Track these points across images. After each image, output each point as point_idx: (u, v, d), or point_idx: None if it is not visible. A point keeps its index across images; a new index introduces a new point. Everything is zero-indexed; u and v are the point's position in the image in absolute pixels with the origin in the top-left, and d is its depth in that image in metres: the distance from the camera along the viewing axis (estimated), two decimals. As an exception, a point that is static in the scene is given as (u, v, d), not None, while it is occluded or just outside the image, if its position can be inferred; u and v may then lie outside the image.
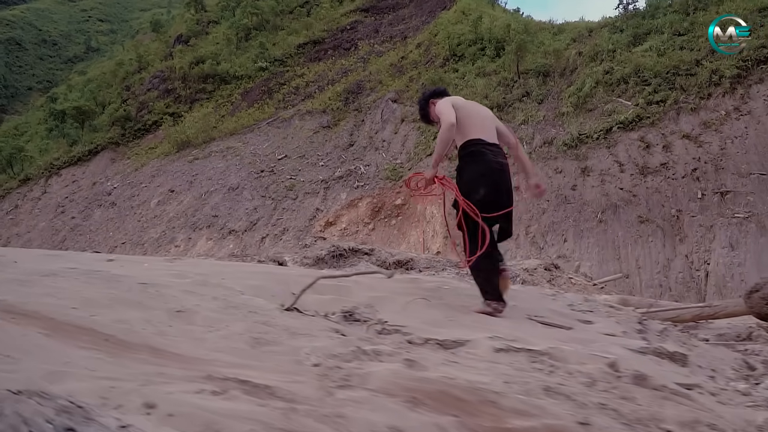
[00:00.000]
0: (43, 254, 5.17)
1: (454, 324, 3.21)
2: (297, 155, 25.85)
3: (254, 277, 3.85)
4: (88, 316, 2.25)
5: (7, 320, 2.07)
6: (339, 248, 8.10)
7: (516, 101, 21.79)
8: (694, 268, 15.47)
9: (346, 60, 36.85)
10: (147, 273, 3.67)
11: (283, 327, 2.50)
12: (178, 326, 2.33)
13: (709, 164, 16.67)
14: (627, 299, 7.12)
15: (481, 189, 3.96)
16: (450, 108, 3.98)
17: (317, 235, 21.02)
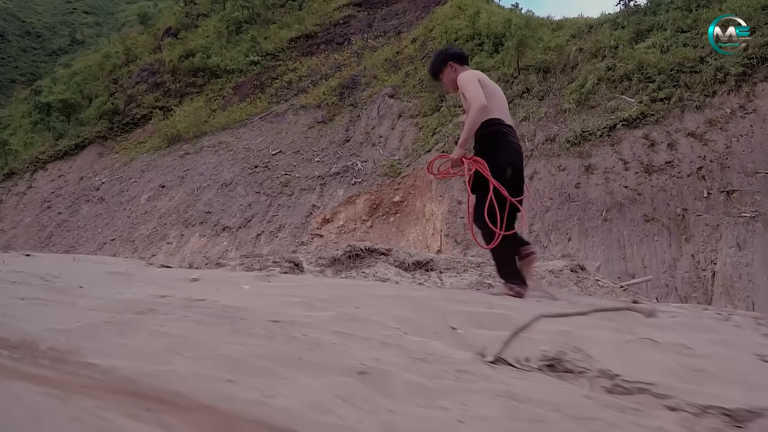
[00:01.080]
0: (90, 264, 4.66)
1: (708, 377, 2.02)
2: (292, 150, 25.38)
3: (392, 304, 3.05)
4: (264, 398, 1.41)
5: (143, 416, 1.18)
6: (355, 248, 7.70)
7: (516, 97, 21.47)
8: (700, 268, 15.25)
9: (339, 55, 36.42)
10: (258, 300, 3.10)
11: (535, 401, 1.60)
12: (392, 406, 1.48)
13: (714, 163, 16.46)
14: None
15: (508, 169, 3.91)
16: (479, 87, 3.87)
17: (314, 232, 20.64)
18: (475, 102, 3.77)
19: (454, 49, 4.32)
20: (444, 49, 4.33)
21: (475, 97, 3.80)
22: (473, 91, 3.85)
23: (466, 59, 4.30)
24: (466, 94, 3.88)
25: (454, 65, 4.19)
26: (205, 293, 3.16)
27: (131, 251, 22.56)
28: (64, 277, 3.94)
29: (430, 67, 4.34)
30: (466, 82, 3.93)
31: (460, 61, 4.23)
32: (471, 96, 3.83)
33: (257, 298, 3.22)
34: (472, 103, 3.78)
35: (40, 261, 6.75)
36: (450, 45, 4.42)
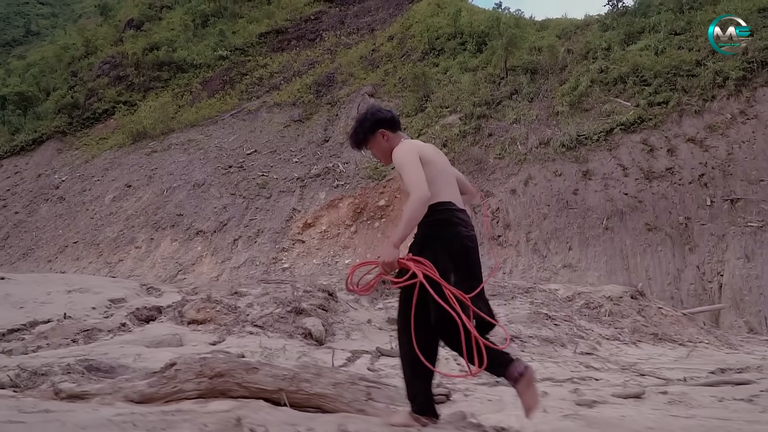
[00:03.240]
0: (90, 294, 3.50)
1: None
2: (268, 150, 24.11)
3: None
4: None
5: None
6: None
7: (505, 98, 20.73)
8: (706, 280, 14.70)
9: (311, 51, 35.23)
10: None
11: None
12: None
13: (716, 170, 15.98)
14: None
15: (454, 272, 3.00)
16: (420, 168, 2.99)
17: (295, 237, 19.51)
18: (415, 191, 2.87)
19: (383, 112, 3.34)
20: (369, 112, 3.35)
21: (415, 184, 2.91)
22: (413, 175, 2.95)
23: (398, 124, 3.35)
24: (404, 177, 2.99)
25: (386, 133, 3.26)
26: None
27: (96, 255, 20.99)
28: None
29: (353, 134, 3.36)
30: (403, 163, 3.03)
31: (392, 128, 3.29)
32: (409, 182, 2.93)
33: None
34: (412, 192, 2.89)
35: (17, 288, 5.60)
36: (376, 107, 3.04)
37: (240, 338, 5.06)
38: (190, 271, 18.89)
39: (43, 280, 7.10)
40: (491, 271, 5.46)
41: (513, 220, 17.06)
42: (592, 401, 3.12)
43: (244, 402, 2.69)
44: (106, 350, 4.12)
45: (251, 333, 5.16)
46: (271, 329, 5.29)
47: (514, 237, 16.73)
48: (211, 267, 18.90)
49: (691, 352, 5.78)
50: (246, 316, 5.63)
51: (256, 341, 4.89)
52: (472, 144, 19.52)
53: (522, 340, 5.63)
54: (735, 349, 6.40)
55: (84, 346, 4.62)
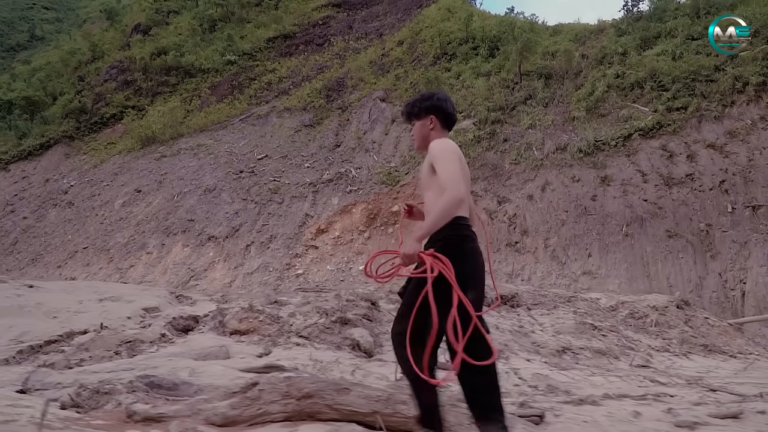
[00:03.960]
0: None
1: None
2: (279, 155, 23.95)
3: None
4: None
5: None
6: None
7: (519, 104, 20.58)
8: (728, 288, 14.50)
9: (320, 56, 35.18)
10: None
11: None
12: None
13: (737, 176, 15.79)
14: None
15: (474, 289, 2.89)
16: (459, 170, 2.91)
17: (309, 243, 19.33)
18: (453, 189, 2.78)
19: (447, 104, 3.23)
20: (437, 96, 3.24)
21: (454, 181, 2.81)
22: (453, 171, 2.85)
23: (451, 124, 3.28)
24: (442, 172, 2.87)
25: (435, 122, 3.19)
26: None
27: (106, 261, 20.82)
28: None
29: (409, 104, 3.29)
30: (444, 157, 2.93)
31: (444, 122, 3.22)
32: (448, 177, 2.82)
33: None
34: (449, 189, 2.78)
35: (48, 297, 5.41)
36: (446, 96, 3.25)
37: (287, 350, 4.88)
38: (202, 277, 18.71)
39: (71, 288, 6.92)
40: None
41: (530, 226, 16.88)
42: (693, 422, 2.94)
43: (336, 426, 2.51)
44: (154, 364, 3.94)
45: (298, 344, 4.98)
46: (318, 340, 5.11)
47: (531, 243, 16.55)
48: (223, 273, 18.72)
49: (751, 364, 5.61)
50: (290, 327, 5.45)
51: (305, 353, 4.71)
52: (487, 149, 19.36)
53: (574, 352, 5.45)
54: None
55: (130, 359, 4.43)
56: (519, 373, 4.50)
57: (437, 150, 2.98)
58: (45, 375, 3.49)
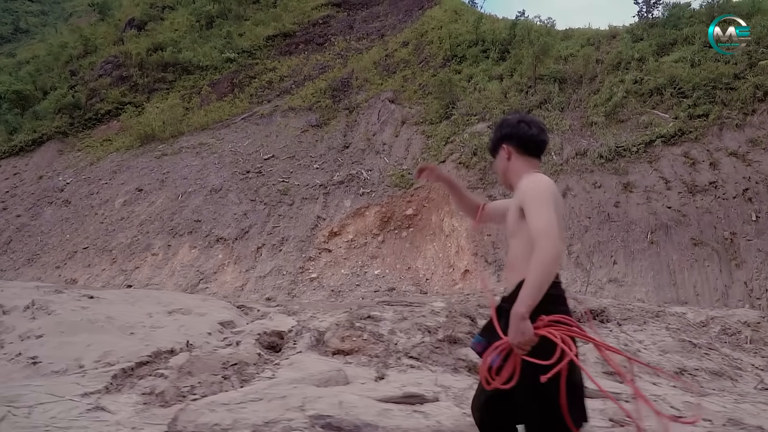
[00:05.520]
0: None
1: None
2: (286, 155, 23.49)
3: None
4: None
5: None
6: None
7: (535, 108, 20.37)
8: (754, 297, 14.39)
9: (321, 55, 34.76)
10: None
11: None
12: None
13: (761, 185, 15.72)
14: None
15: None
16: (555, 218, 2.44)
17: (321, 246, 18.93)
18: (549, 241, 2.32)
19: (519, 127, 2.74)
20: (505, 120, 2.81)
21: (552, 233, 2.36)
22: (550, 219, 2.39)
23: (536, 149, 2.77)
24: (534, 220, 2.41)
25: (511, 151, 2.73)
26: None
27: (109, 262, 20.19)
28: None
29: (491, 140, 2.88)
30: (540, 199, 2.46)
31: (524, 148, 2.73)
32: (542, 229, 2.35)
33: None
34: (545, 241, 2.31)
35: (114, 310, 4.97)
36: (518, 118, 2.74)
37: (402, 373, 4.51)
38: (212, 279, 18.21)
39: (132, 298, 6.44)
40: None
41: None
42: None
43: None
44: (282, 393, 3.55)
45: (412, 367, 4.60)
46: (430, 362, 4.75)
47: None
48: (234, 276, 18.23)
49: None
50: (395, 346, 5.07)
51: (426, 377, 4.35)
52: (504, 153, 19.08)
53: (691, 374, 5.16)
54: None
55: (252, 387, 3.99)
56: (667, 399, 4.18)
57: (529, 191, 2.53)
58: (197, 415, 3.06)
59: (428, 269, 17.65)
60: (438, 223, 18.63)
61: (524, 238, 2.52)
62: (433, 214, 18.92)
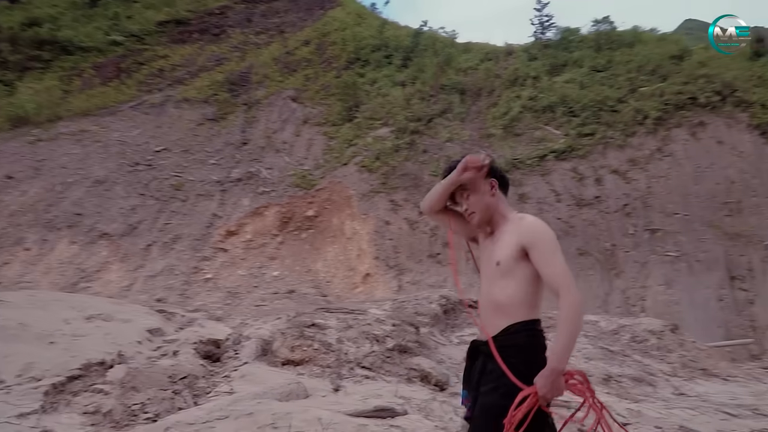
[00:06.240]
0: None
1: None
2: (180, 149, 22.36)
3: None
4: None
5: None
6: (450, 300, 6.22)
7: (437, 116, 20.89)
8: (630, 304, 15.66)
9: (217, 46, 33.45)
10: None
11: None
12: None
13: (638, 201, 17.16)
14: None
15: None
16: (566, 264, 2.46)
17: (217, 246, 18.21)
18: (574, 293, 2.34)
19: (496, 164, 2.73)
20: (490, 159, 2.69)
21: (572, 284, 2.37)
22: (566, 271, 2.40)
23: (507, 188, 2.75)
24: (552, 267, 2.38)
25: (496, 186, 2.65)
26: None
27: (-29, 256, 18.15)
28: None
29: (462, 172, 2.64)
30: (553, 246, 2.45)
31: (502, 186, 2.69)
32: (563, 279, 2.36)
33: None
34: (568, 293, 2.33)
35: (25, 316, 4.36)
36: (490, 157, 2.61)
37: (358, 384, 4.37)
38: (95, 278, 16.91)
39: (39, 302, 5.70)
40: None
41: (453, 238, 17.10)
42: None
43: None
44: (249, 409, 3.30)
45: (366, 377, 4.47)
46: (382, 371, 4.64)
47: (451, 258, 16.77)
48: (120, 275, 17.05)
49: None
50: (345, 355, 4.90)
51: (385, 389, 4.24)
52: (406, 159, 19.40)
53: (616, 381, 5.46)
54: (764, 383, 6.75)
55: (212, 404, 3.64)
56: (611, 407, 4.35)
57: (539, 234, 2.46)
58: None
59: (329, 272, 17.49)
60: (339, 226, 18.53)
61: (520, 279, 2.49)
62: (335, 217, 18.80)
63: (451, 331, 5.91)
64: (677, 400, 5.08)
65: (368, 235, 17.56)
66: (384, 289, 16.11)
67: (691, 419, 4.15)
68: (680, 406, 4.70)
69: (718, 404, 4.82)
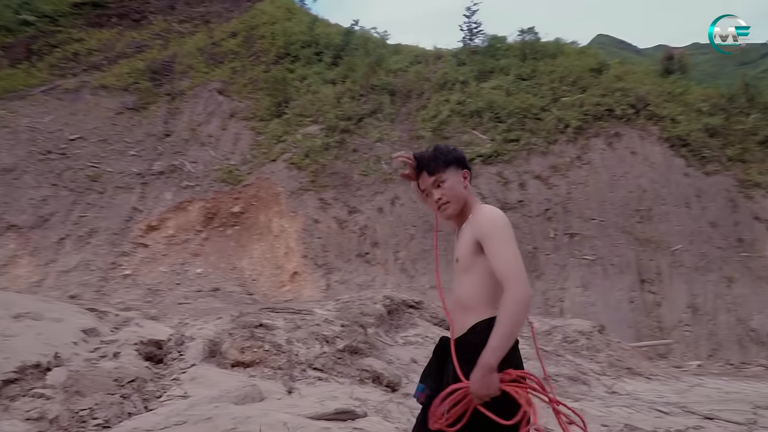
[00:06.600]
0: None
1: None
2: (97, 138, 21.23)
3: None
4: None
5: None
6: (393, 301, 6.21)
7: (367, 116, 20.95)
8: (550, 305, 16.32)
9: (137, 33, 32.00)
10: None
11: None
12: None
13: (558, 206, 17.89)
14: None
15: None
16: (520, 256, 2.41)
17: (137, 241, 17.48)
18: (520, 287, 2.27)
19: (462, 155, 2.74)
20: (456, 149, 2.73)
21: (522, 275, 2.31)
22: (516, 261, 2.35)
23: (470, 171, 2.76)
24: (502, 258, 2.33)
25: (468, 178, 2.65)
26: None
27: None
28: None
29: (439, 152, 2.67)
30: (504, 236, 2.40)
31: (470, 182, 2.71)
32: (512, 270, 2.31)
33: None
34: (514, 286, 2.26)
35: None
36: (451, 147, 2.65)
37: (311, 386, 4.28)
38: (1, 273, 15.81)
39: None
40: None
41: (381, 238, 17.24)
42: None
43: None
44: (207, 414, 3.17)
45: (319, 379, 4.39)
46: (334, 373, 4.57)
47: (382, 255, 16.92)
48: (30, 269, 16.02)
49: (696, 387, 6.37)
50: (296, 357, 4.79)
51: (338, 390, 4.18)
52: (336, 158, 19.34)
53: (554, 380, 5.66)
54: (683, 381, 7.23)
55: (168, 409, 3.44)
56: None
57: (491, 226, 2.40)
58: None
59: (255, 270, 17.18)
60: (266, 223, 18.23)
61: (480, 275, 2.42)
62: (262, 214, 18.47)
63: (395, 332, 5.92)
64: (612, 398, 5.37)
65: (296, 233, 17.36)
66: (312, 288, 16.00)
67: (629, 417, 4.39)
68: (617, 405, 4.97)
69: (649, 402, 5.14)
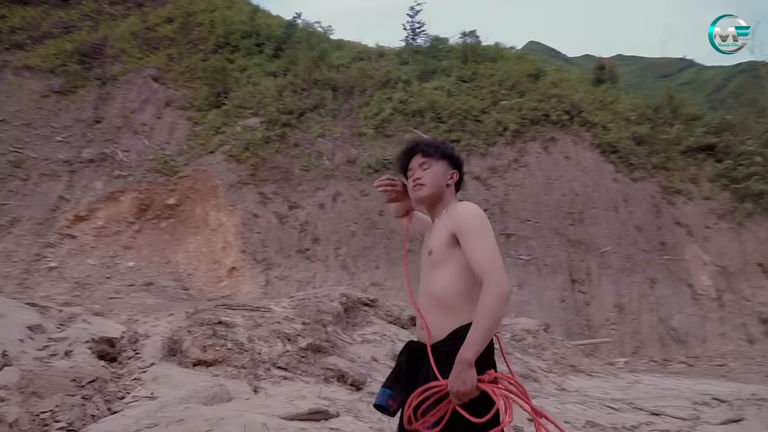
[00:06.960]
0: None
1: None
2: (20, 122, 20.03)
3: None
4: None
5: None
6: (350, 298, 6.13)
7: (309, 110, 20.72)
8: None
9: (65, 13, 30.42)
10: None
11: None
12: None
13: (496, 207, 18.32)
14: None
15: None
16: (499, 251, 2.39)
17: (64, 231, 16.65)
18: (499, 281, 2.21)
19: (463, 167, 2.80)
20: (455, 152, 2.82)
21: (500, 271, 2.26)
22: (495, 256, 2.33)
23: (459, 190, 2.82)
24: (481, 252, 2.33)
25: (455, 177, 2.75)
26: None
27: None
28: None
29: (432, 143, 2.75)
30: (484, 231, 2.42)
31: (458, 187, 2.80)
32: (491, 264, 2.27)
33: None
34: (493, 280, 2.21)
35: None
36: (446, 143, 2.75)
37: (277, 385, 4.17)
38: None
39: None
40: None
41: (322, 234, 17.12)
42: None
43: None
44: (179, 416, 3.02)
45: (285, 378, 4.28)
46: (299, 372, 4.47)
47: (323, 252, 16.80)
48: (-57, 260, 14.97)
49: (635, 384, 6.65)
50: (259, 355, 4.64)
51: (305, 389, 4.10)
52: (277, 152, 19.03)
53: (506, 378, 5.72)
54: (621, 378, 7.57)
55: (137, 411, 3.23)
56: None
57: (468, 219, 2.41)
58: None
59: (190, 264, 16.69)
60: (203, 216, 17.75)
61: (454, 269, 2.40)
62: (198, 206, 17.96)
63: (352, 330, 5.89)
64: (563, 395, 5.56)
65: (235, 228, 16.99)
66: (251, 284, 15.71)
67: (585, 413, 4.56)
68: (570, 402, 5.14)
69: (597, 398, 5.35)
